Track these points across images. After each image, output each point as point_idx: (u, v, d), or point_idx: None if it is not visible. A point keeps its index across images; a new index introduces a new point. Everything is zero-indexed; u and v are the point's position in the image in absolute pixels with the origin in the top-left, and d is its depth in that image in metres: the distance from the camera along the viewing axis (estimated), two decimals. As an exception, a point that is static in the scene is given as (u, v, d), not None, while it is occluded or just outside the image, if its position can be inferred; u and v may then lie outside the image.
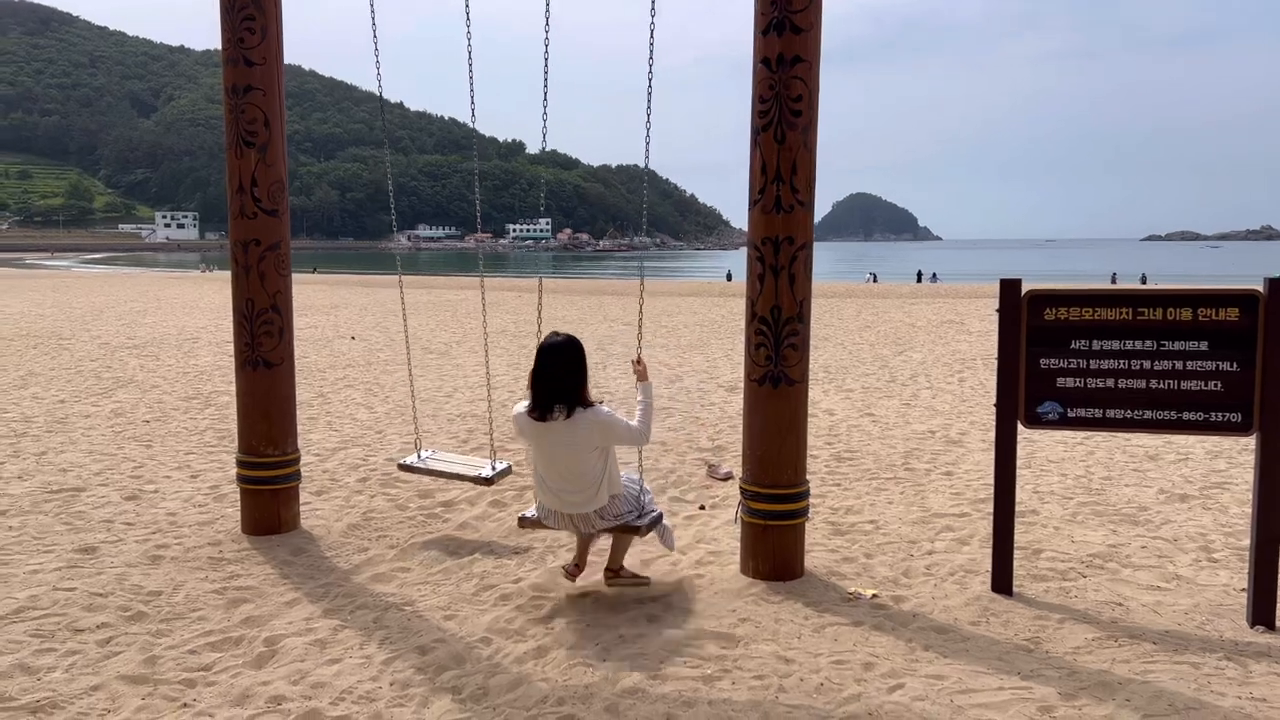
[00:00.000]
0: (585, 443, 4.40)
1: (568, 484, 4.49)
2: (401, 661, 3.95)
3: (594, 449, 4.43)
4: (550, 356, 4.40)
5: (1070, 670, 3.83)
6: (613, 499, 4.56)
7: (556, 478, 4.51)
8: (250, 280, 5.42)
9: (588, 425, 4.38)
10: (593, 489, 4.49)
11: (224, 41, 5.30)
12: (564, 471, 4.48)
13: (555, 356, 4.40)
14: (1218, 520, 5.90)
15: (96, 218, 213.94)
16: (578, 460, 4.43)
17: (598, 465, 4.47)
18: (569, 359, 4.41)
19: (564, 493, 4.51)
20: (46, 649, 4.03)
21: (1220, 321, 4.30)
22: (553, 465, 4.50)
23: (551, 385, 4.38)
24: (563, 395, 4.37)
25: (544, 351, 4.42)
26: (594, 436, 4.41)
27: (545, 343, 4.46)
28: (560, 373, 4.38)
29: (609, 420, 4.44)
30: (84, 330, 17.90)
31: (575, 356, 4.43)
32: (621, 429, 4.49)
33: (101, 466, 7.27)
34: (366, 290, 34.76)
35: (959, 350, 15.21)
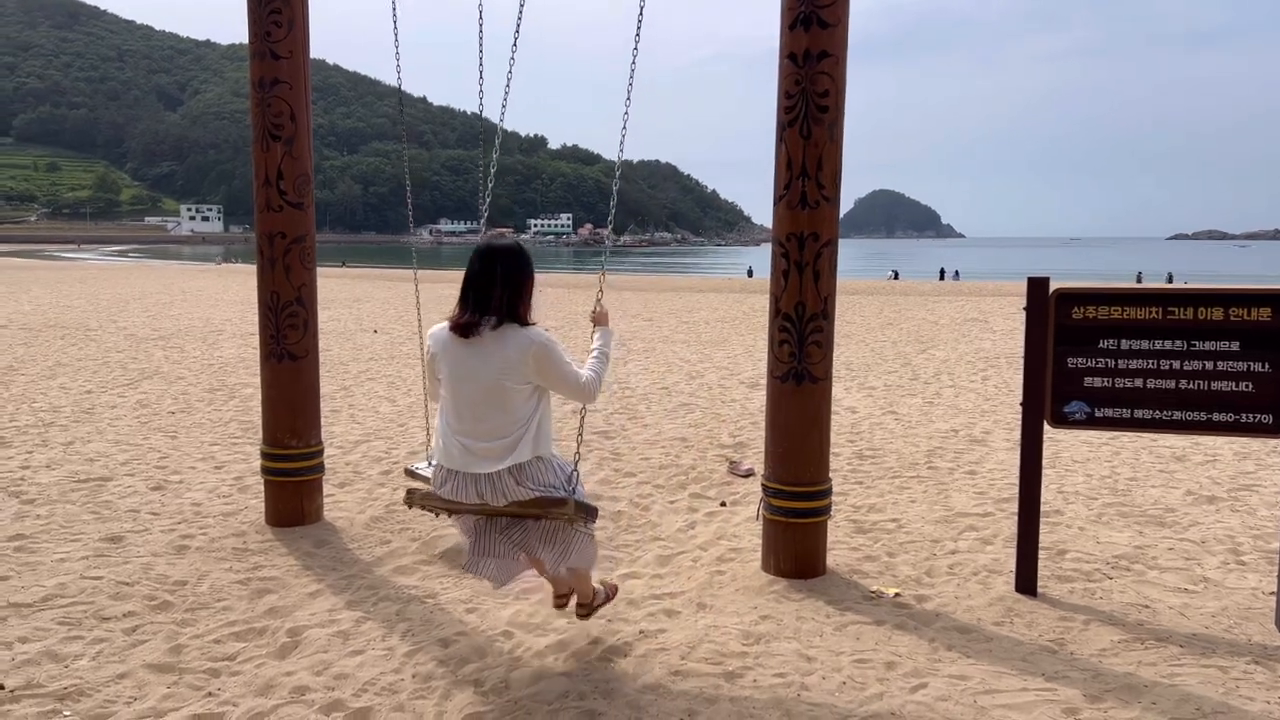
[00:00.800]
0: (515, 369, 3.44)
1: (480, 426, 3.49)
2: (424, 654, 3.96)
3: (523, 383, 3.48)
4: (486, 259, 3.50)
5: (1095, 672, 3.80)
6: (537, 459, 3.55)
7: (468, 418, 3.50)
8: (276, 273, 5.45)
9: (521, 347, 3.44)
10: (512, 437, 3.49)
11: (251, 35, 5.32)
12: (479, 408, 3.48)
13: (492, 259, 3.50)
14: (1246, 523, 5.83)
15: (123, 210, 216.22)
16: (500, 393, 3.45)
17: (524, 407, 3.51)
18: (509, 263, 3.51)
19: (474, 441, 3.50)
20: (74, 636, 4.08)
21: (1252, 322, 4.23)
22: (466, 400, 3.50)
23: (482, 293, 3.47)
24: (494, 304, 3.45)
25: (479, 254, 3.54)
26: (527, 364, 3.45)
27: (482, 244, 3.59)
28: (495, 279, 3.47)
29: (549, 349, 3.48)
30: (110, 321, 18.09)
31: (517, 262, 3.53)
32: (565, 368, 3.52)
33: (128, 456, 7.35)
34: (389, 284, 34.94)
35: (983, 349, 15.10)
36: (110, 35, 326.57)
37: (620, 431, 8.52)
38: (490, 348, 3.44)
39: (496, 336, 3.45)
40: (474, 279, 3.49)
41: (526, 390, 3.51)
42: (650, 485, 6.73)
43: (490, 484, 3.51)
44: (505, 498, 3.53)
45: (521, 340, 3.45)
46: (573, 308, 23.83)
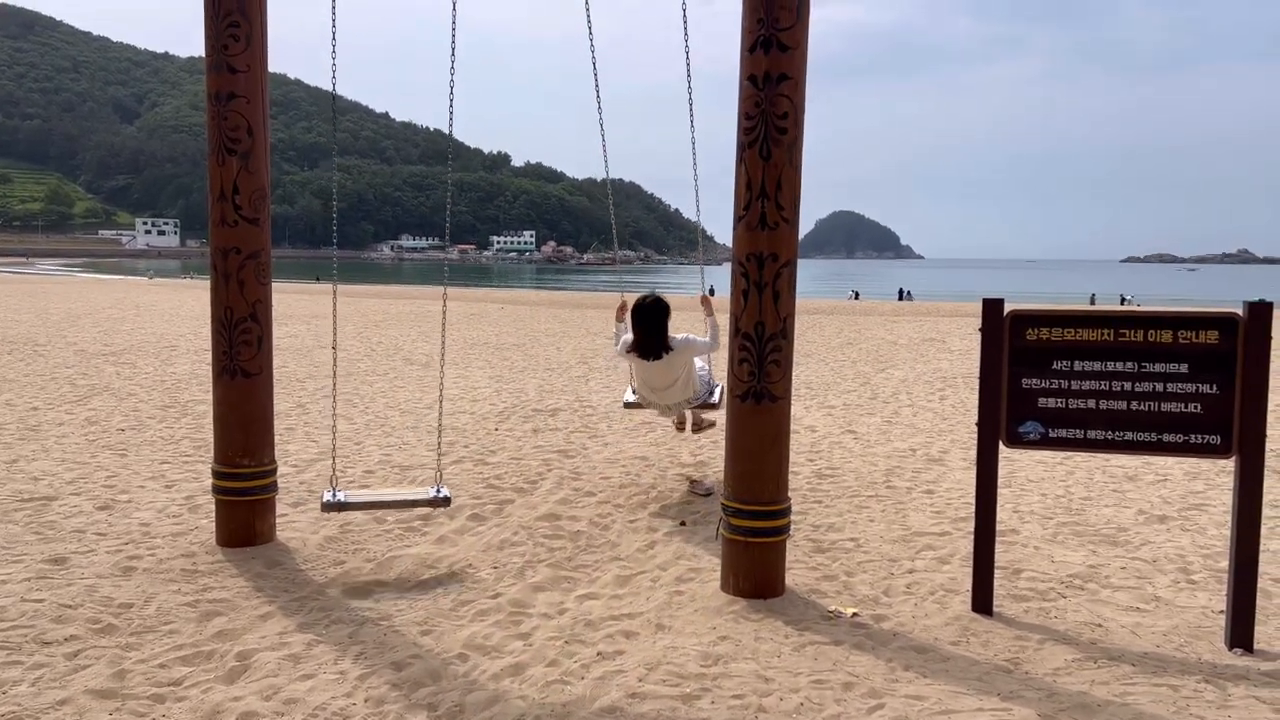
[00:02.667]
0: (679, 365, 6.54)
1: (667, 390, 6.67)
2: (376, 678, 3.89)
3: (683, 366, 6.57)
4: (648, 315, 6.37)
5: (1050, 691, 3.82)
6: (694, 394, 6.79)
7: (659, 388, 6.66)
8: (229, 288, 5.36)
9: (679, 353, 6.48)
10: (684, 388, 6.71)
11: (208, 48, 5.26)
12: (665, 384, 6.63)
13: (652, 315, 6.37)
14: (1196, 542, 5.93)
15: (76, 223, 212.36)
16: (673, 376, 6.59)
17: (685, 372, 6.64)
18: (661, 315, 6.39)
19: (663, 395, 6.72)
20: (13, 661, 3.95)
21: (1200, 344, 4.32)
22: (656, 381, 6.63)
23: (653, 337, 6.39)
24: (661, 343, 6.40)
25: (642, 310, 6.37)
26: (684, 358, 6.54)
27: (639, 303, 6.40)
28: (658, 327, 6.37)
29: (692, 342, 6.55)
30: (60, 337, 17.70)
31: (661, 311, 6.40)
32: (701, 345, 6.59)
33: (74, 475, 7.17)
34: (348, 300, 34.61)
35: (940, 368, 15.27)
36: (66, 46, 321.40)
37: (580, 450, 8.48)
38: (665, 362, 6.48)
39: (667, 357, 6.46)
40: (644, 328, 6.39)
41: (682, 367, 6.60)
42: (610, 505, 6.69)
43: (675, 406, 6.92)
44: (684, 409, 7.06)
45: (679, 350, 6.50)
46: (535, 325, 23.76)
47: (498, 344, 18.48)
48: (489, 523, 6.20)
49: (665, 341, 6.40)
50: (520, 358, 16.05)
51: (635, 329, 6.41)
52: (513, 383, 12.79)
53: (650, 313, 6.37)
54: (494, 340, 19.25)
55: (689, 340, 6.54)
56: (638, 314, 6.37)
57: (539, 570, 5.28)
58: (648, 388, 6.73)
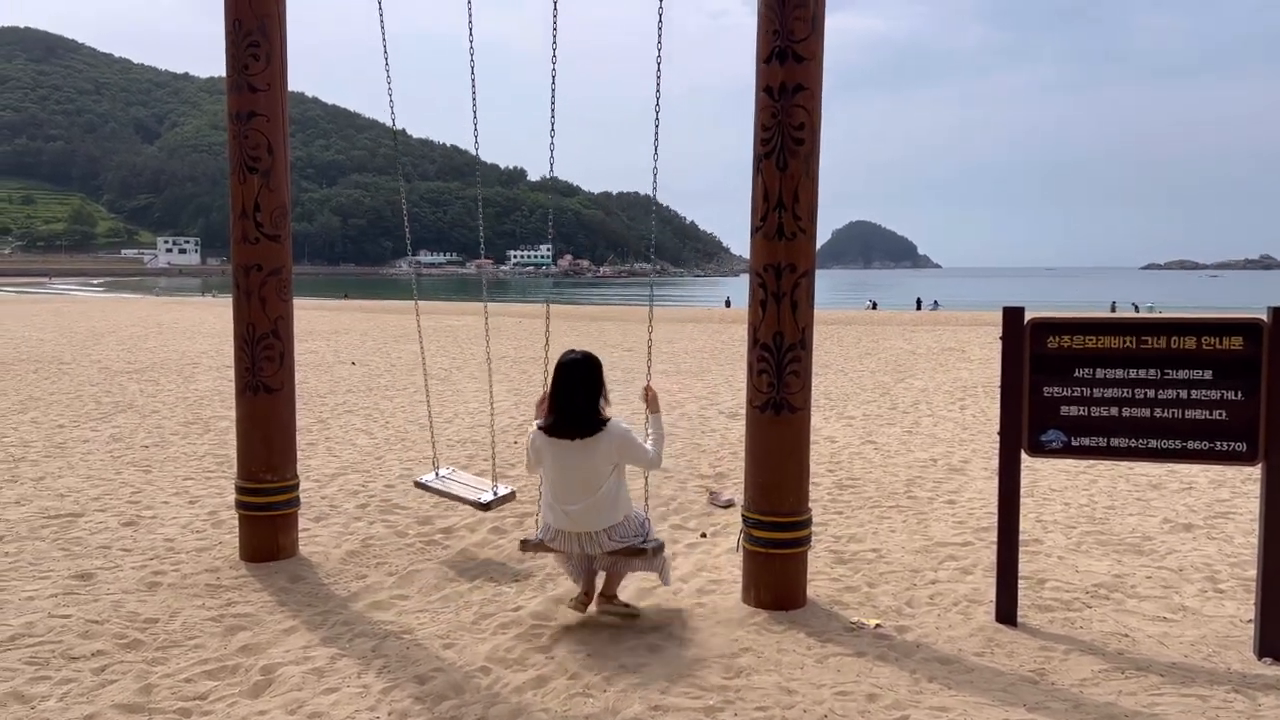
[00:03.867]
0: (603, 458, 4.44)
1: (581, 501, 4.46)
2: (399, 691, 3.90)
3: (610, 464, 4.47)
4: (568, 374, 4.47)
5: (1076, 703, 3.79)
6: (625, 519, 4.57)
7: (570, 495, 4.48)
8: (251, 305, 5.41)
9: (608, 440, 4.44)
10: (606, 506, 4.48)
11: (228, 68, 5.32)
12: (579, 488, 4.46)
13: (573, 373, 4.47)
14: (1223, 550, 5.86)
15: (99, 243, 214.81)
16: (594, 476, 4.44)
17: (612, 481, 4.49)
18: (586, 376, 4.48)
19: (576, 511, 4.47)
20: (41, 677, 3.99)
21: (1224, 350, 4.29)
22: (568, 483, 4.48)
23: (571, 404, 4.45)
24: (582, 414, 4.44)
25: (562, 369, 4.49)
26: (612, 452, 4.46)
27: (563, 359, 4.52)
28: (579, 391, 4.45)
29: (628, 438, 4.50)
30: (84, 355, 17.89)
31: (592, 373, 4.50)
32: (639, 448, 4.55)
33: (99, 492, 7.24)
34: (368, 315, 34.80)
35: (960, 378, 15.19)
36: (87, 68, 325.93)
37: (600, 463, 8.48)
38: (585, 447, 4.42)
39: (588, 439, 4.41)
40: (559, 391, 4.45)
41: (613, 469, 4.49)
42: (630, 517, 6.68)
43: (590, 539, 4.54)
44: (600, 549, 4.58)
45: (609, 436, 4.44)
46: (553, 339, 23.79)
47: (516, 357, 18.53)
48: (510, 535, 6.21)
49: (594, 416, 4.46)
50: (538, 371, 16.07)
51: (552, 394, 4.51)
52: (531, 396, 12.80)
53: (574, 371, 4.47)
54: (512, 354, 19.30)
55: (626, 433, 4.49)
56: (558, 373, 4.49)
57: (560, 583, 5.28)
58: (557, 496, 4.51)
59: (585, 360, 4.50)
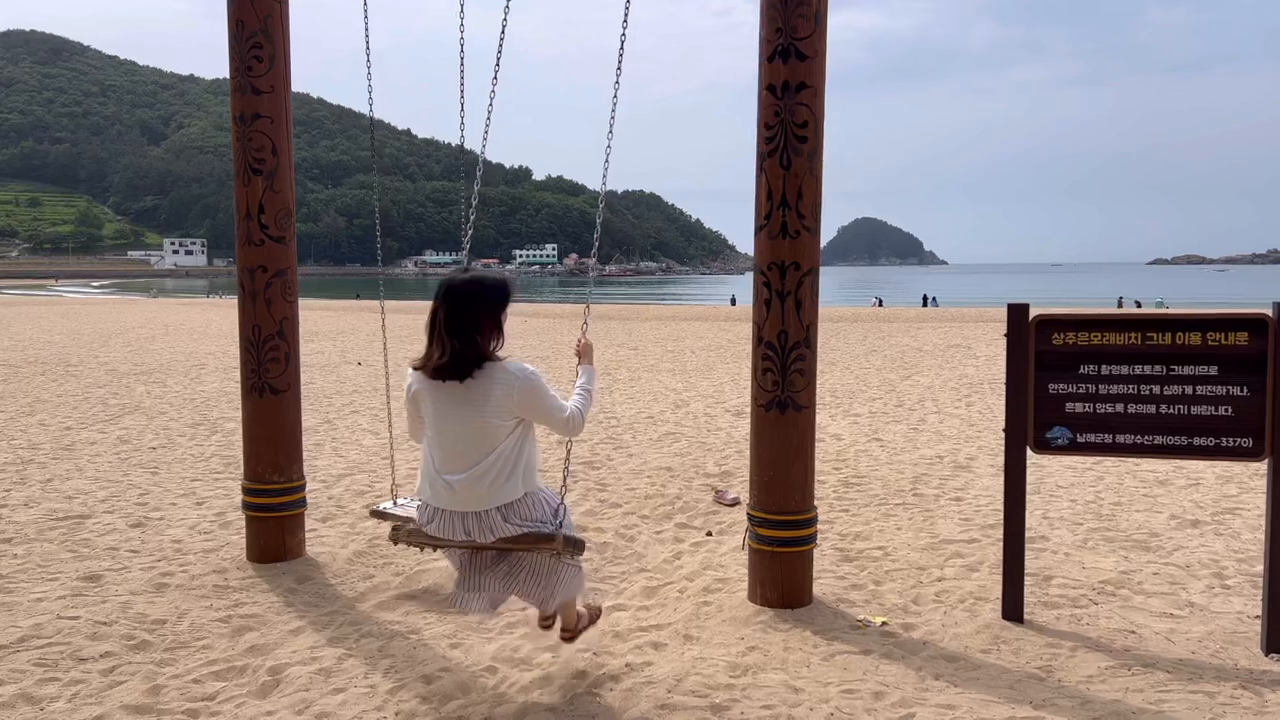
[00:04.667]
0: (497, 407, 3.34)
1: (466, 469, 3.38)
2: (406, 691, 3.91)
3: (509, 418, 3.39)
4: (455, 299, 3.35)
5: (1083, 700, 3.78)
6: (526, 495, 3.47)
7: (452, 460, 3.40)
8: (257, 306, 5.43)
9: (503, 383, 3.34)
10: (500, 476, 3.38)
11: (232, 70, 5.34)
12: (464, 450, 3.38)
13: (461, 299, 3.35)
14: (1230, 546, 5.85)
15: (105, 245, 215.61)
16: (484, 434, 3.36)
17: (509, 444, 3.41)
18: (479, 301, 3.36)
19: (460, 481, 3.39)
20: (50, 678, 4.00)
21: (1230, 346, 4.27)
22: (450, 443, 3.40)
23: (456, 338, 3.32)
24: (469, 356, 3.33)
25: (448, 291, 3.38)
26: (510, 400, 3.35)
27: (449, 281, 3.42)
28: (469, 320, 3.34)
29: (532, 383, 3.38)
30: (92, 357, 17.96)
31: (490, 298, 3.38)
32: (550, 401, 3.43)
33: (107, 493, 7.26)
34: (374, 315, 34.86)
35: (966, 375, 15.17)
36: (93, 70, 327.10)
37: (606, 462, 8.49)
38: (472, 390, 3.33)
39: (476, 379, 3.33)
40: (449, 312, 3.35)
41: (513, 425, 3.41)
42: (636, 516, 6.70)
43: (478, 521, 3.42)
44: (493, 534, 3.44)
45: (504, 377, 3.34)
46: (558, 337, 23.83)
47: (521, 357, 18.51)
48: (516, 535, 6.21)
49: (476, 354, 3.35)
50: (544, 369, 16.10)
51: (431, 324, 3.40)
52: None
53: (458, 296, 3.36)
54: (518, 354, 19.29)
55: (535, 377, 3.41)
56: (441, 297, 3.39)
57: (566, 582, 5.29)
58: (435, 468, 3.45)
59: (470, 284, 3.37)
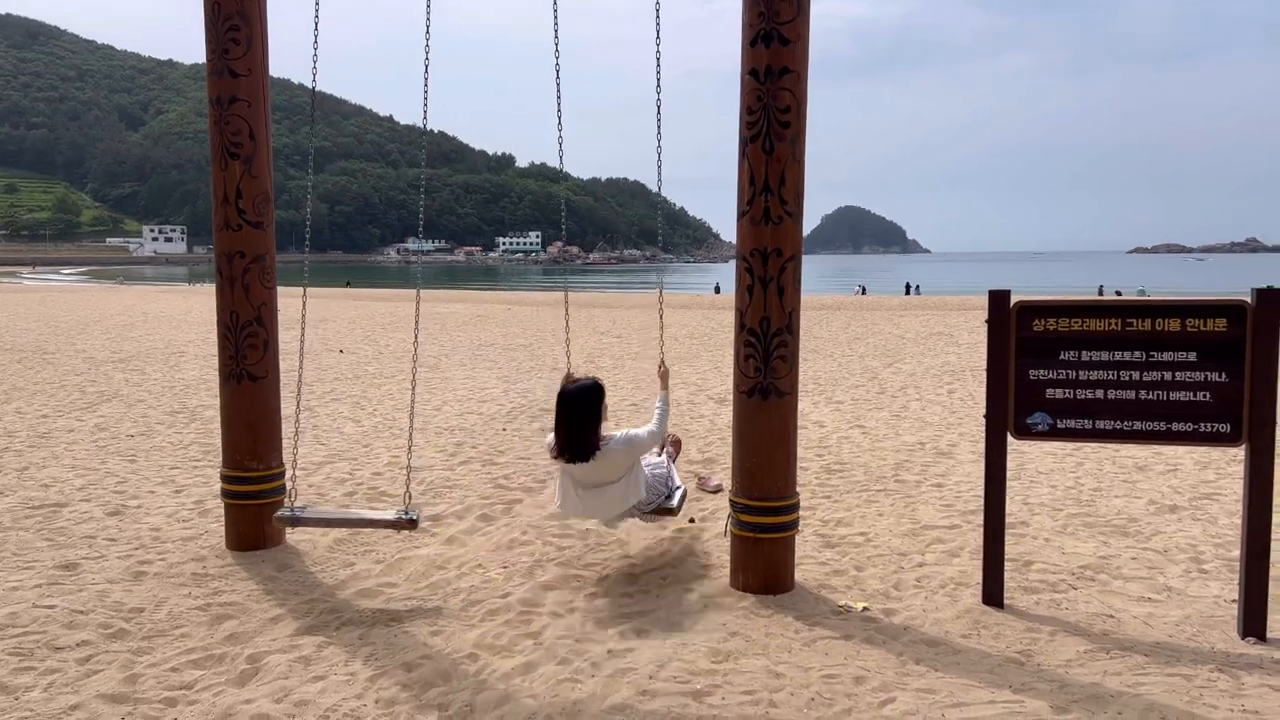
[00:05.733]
0: (614, 467, 4.92)
1: (602, 495, 4.99)
2: (387, 679, 3.89)
3: (625, 467, 4.96)
4: (572, 406, 4.85)
5: (1062, 683, 3.81)
6: (646, 492, 5.10)
7: (591, 499, 5.00)
8: (235, 292, 5.37)
9: (613, 453, 4.89)
10: (624, 495, 4.99)
11: (209, 52, 5.27)
12: (598, 494, 4.99)
13: (577, 406, 4.85)
14: (1207, 531, 5.90)
15: (84, 231, 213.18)
16: (611, 477, 4.96)
17: (630, 474, 5.00)
18: (591, 405, 4.88)
19: (598, 504, 5.01)
20: (25, 668, 3.96)
21: (1208, 332, 4.30)
22: (588, 483, 4.98)
23: (580, 432, 4.83)
24: (588, 443, 4.83)
25: (566, 401, 4.86)
26: (622, 461, 4.93)
27: (565, 391, 4.89)
28: (587, 418, 4.84)
29: (631, 440, 4.95)
30: (69, 344, 17.78)
31: (595, 400, 4.90)
32: (643, 441, 4.99)
33: (84, 482, 7.19)
34: (355, 303, 34.67)
35: (948, 362, 15.23)
36: (70, 55, 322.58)
37: (588, 449, 8.47)
38: (597, 465, 4.87)
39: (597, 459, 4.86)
40: (563, 421, 4.84)
41: (625, 468, 4.97)
42: (618, 503, 6.68)
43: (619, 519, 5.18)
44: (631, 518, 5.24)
45: (614, 450, 4.90)
46: (541, 325, 23.75)
47: (505, 345, 18.49)
48: (498, 523, 6.20)
49: (594, 440, 4.85)
50: (527, 358, 16.06)
51: (557, 425, 4.89)
52: (520, 383, 12.80)
53: (575, 405, 4.84)
54: (501, 341, 19.26)
55: (630, 439, 4.94)
56: (559, 405, 4.87)
57: (548, 569, 5.28)
58: (581, 504, 5.06)
59: (582, 393, 4.88)
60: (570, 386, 4.91)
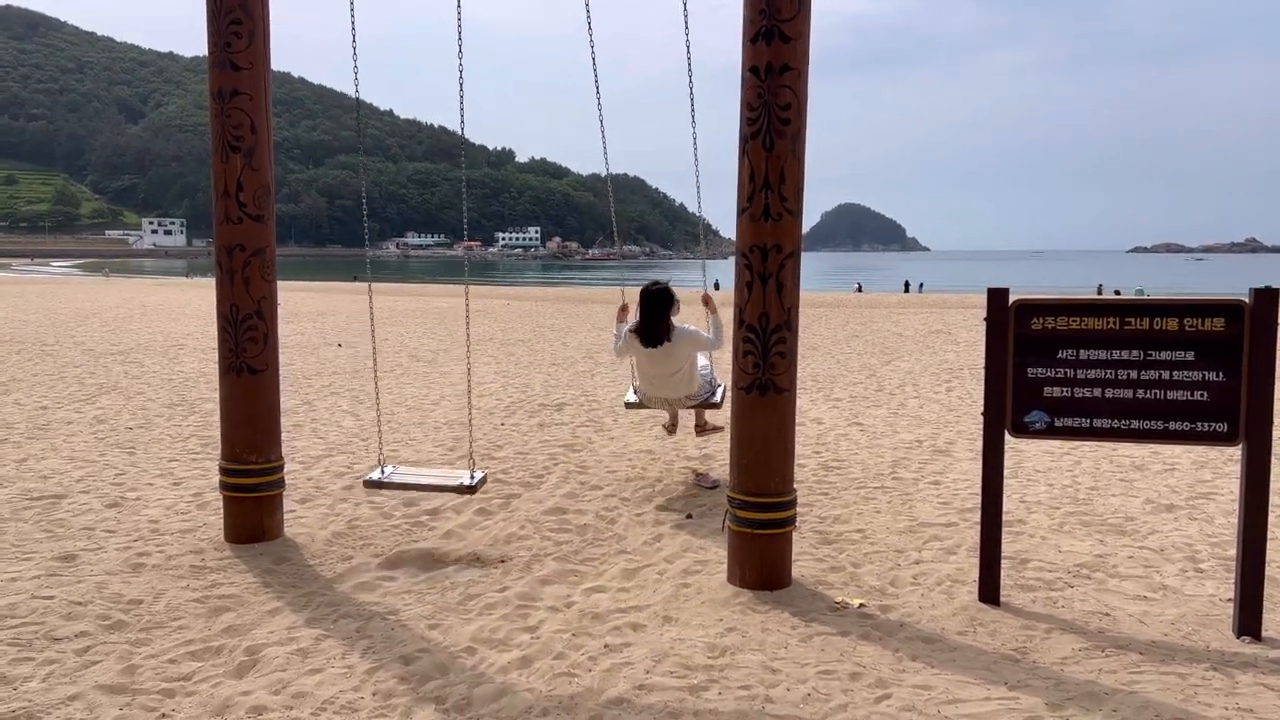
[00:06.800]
0: (681, 354, 6.56)
1: (668, 382, 6.65)
2: (384, 671, 3.91)
3: (686, 357, 6.58)
4: (653, 300, 6.49)
5: (1057, 680, 3.82)
6: (698, 387, 6.77)
7: (660, 379, 6.64)
8: (235, 285, 5.38)
9: (682, 342, 6.52)
10: (684, 383, 6.69)
11: (210, 45, 5.26)
12: (666, 374, 6.61)
13: (657, 300, 6.48)
14: (1204, 530, 5.91)
15: (83, 224, 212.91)
16: (675, 366, 6.58)
17: (688, 365, 6.64)
18: (665, 301, 6.49)
19: (665, 387, 6.69)
20: (24, 658, 3.97)
21: (1206, 331, 4.30)
22: (657, 371, 6.61)
23: (656, 322, 6.46)
24: (663, 329, 6.46)
25: (647, 295, 6.52)
26: (686, 348, 6.56)
27: (647, 289, 6.55)
28: (662, 312, 6.47)
29: (695, 334, 6.58)
30: (68, 336, 17.77)
31: (669, 299, 6.51)
32: (703, 339, 6.62)
33: (83, 473, 7.20)
34: (354, 297, 34.66)
35: (946, 360, 15.25)
36: (70, 47, 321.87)
37: (587, 444, 8.49)
38: (668, 350, 6.52)
39: (669, 344, 6.50)
40: (647, 312, 6.50)
41: (689, 358, 6.65)
42: (616, 498, 6.70)
43: (676, 401, 6.86)
44: (683, 406, 6.94)
45: (682, 338, 6.53)
46: (540, 320, 23.75)
47: (504, 339, 18.50)
48: (496, 517, 6.22)
49: (667, 328, 6.45)
50: (526, 353, 16.06)
51: (640, 314, 6.50)
52: (518, 378, 12.80)
53: (655, 298, 6.48)
54: (500, 336, 19.27)
55: (692, 332, 6.55)
56: (643, 299, 6.49)
57: (546, 564, 5.30)
58: (648, 380, 6.71)
59: (660, 291, 6.52)
60: (652, 286, 6.52)
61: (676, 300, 6.55)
